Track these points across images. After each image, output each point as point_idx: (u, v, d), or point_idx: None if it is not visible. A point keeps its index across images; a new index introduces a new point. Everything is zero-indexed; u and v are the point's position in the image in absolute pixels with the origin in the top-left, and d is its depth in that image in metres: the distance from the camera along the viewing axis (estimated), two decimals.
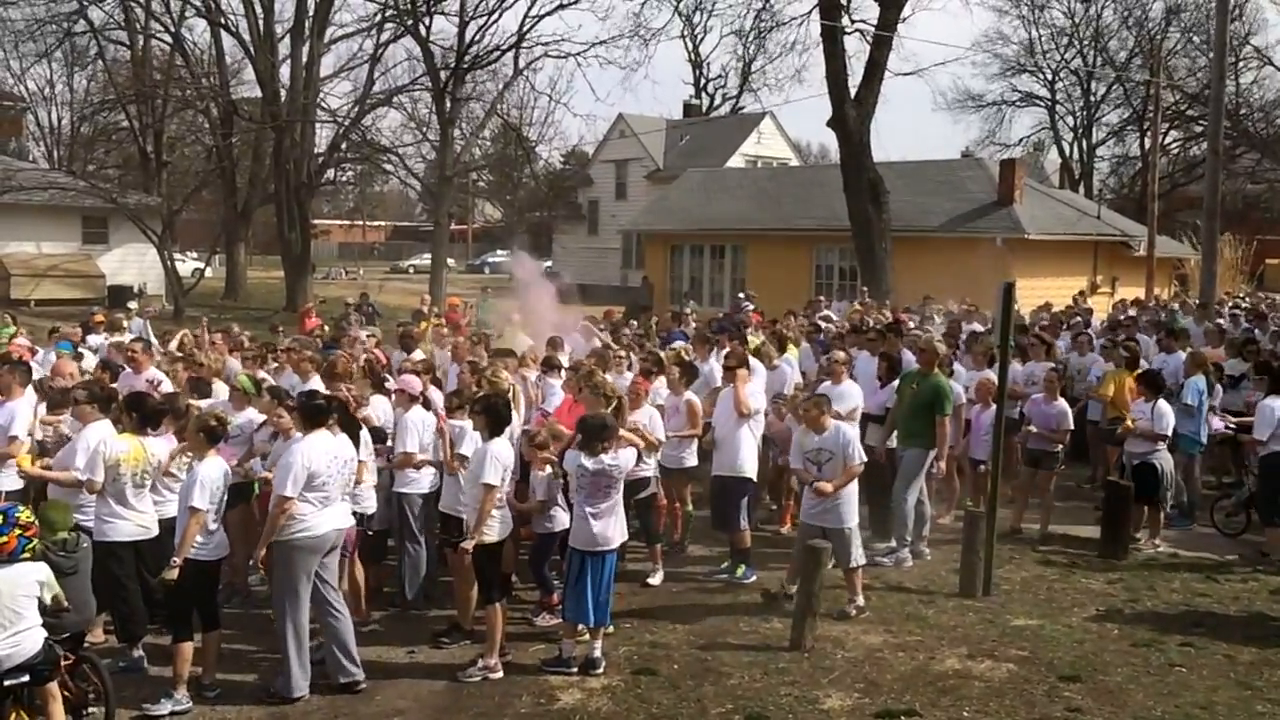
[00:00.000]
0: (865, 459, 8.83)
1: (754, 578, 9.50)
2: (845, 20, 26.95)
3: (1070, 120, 55.29)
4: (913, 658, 7.90)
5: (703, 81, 59.82)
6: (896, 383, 10.56)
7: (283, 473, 6.94)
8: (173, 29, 35.88)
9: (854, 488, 8.75)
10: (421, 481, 8.70)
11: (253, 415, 8.93)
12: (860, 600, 8.74)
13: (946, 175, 32.43)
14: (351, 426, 7.83)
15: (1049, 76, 54.13)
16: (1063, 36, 52.91)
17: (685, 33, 55.44)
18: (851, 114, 25.55)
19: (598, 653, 7.64)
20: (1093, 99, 53.87)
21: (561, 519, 8.21)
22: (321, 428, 7.18)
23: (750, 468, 9.59)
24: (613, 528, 7.59)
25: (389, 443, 8.75)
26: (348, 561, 7.93)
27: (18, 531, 5.68)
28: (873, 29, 26.44)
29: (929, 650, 8.05)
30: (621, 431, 7.93)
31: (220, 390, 9.77)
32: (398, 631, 8.38)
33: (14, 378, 8.61)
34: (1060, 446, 11.17)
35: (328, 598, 7.23)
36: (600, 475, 7.45)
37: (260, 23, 33.54)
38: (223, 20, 34.51)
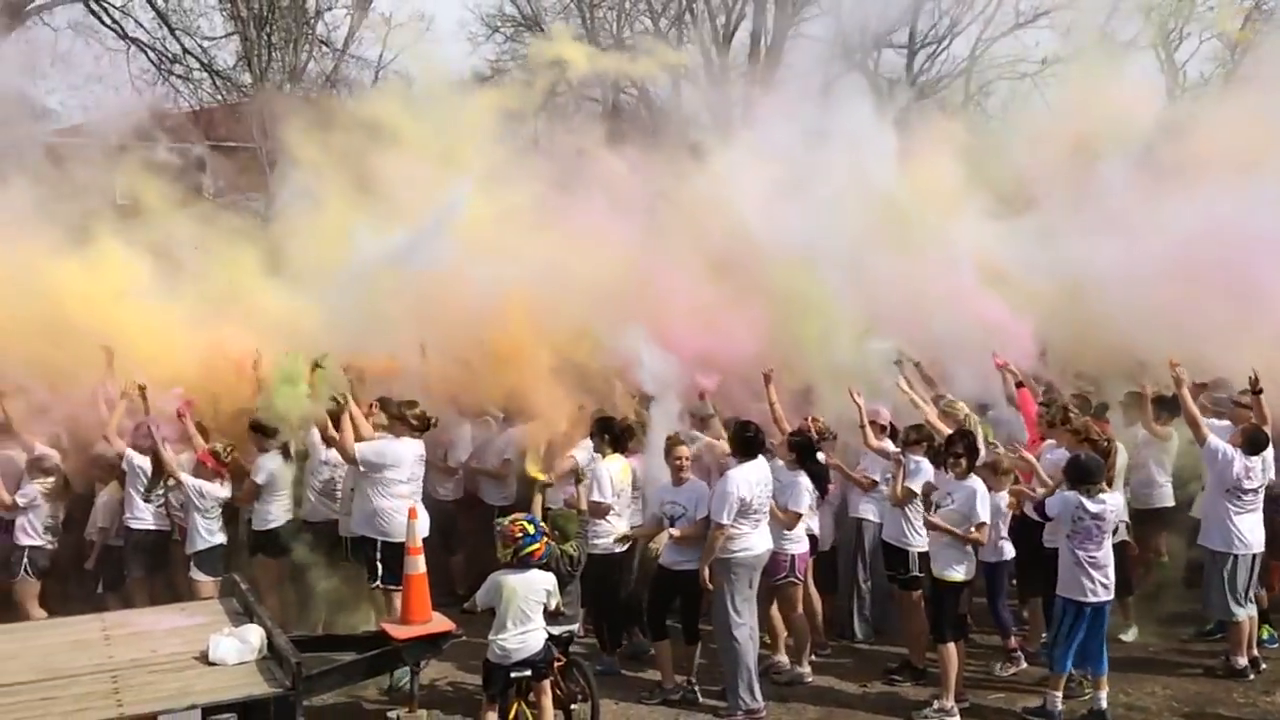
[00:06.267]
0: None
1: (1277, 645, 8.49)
2: None
3: None
4: None
5: (1178, 91, 54.53)
6: None
7: (720, 501, 7.28)
8: (638, 83, 38.94)
9: None
10: (877, 509, 8.64)
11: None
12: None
13: None
14: (819, 471, 8.02)
15: None
16: None
17: (1158, 41, 50.73)
18: None
19: (1103, 703, 7.22)
20: None
21: (1008, 549, 7.91)
22: (755, 457, 7.43)
23: None
24: (1109, 577, 7.13)
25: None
26: (800, 588, 8.08)
27: (545, 540, 6.42)
28: None
29: None
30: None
31: None
32: (851, 664, 8.40)
33: None
34: None
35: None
36: (1100, 518, 7.04)
37: (716, 69, 35.54)
38: (684, 72, 36.95)
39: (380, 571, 7.83)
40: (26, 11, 20.35)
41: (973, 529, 7.24)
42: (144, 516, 8.32)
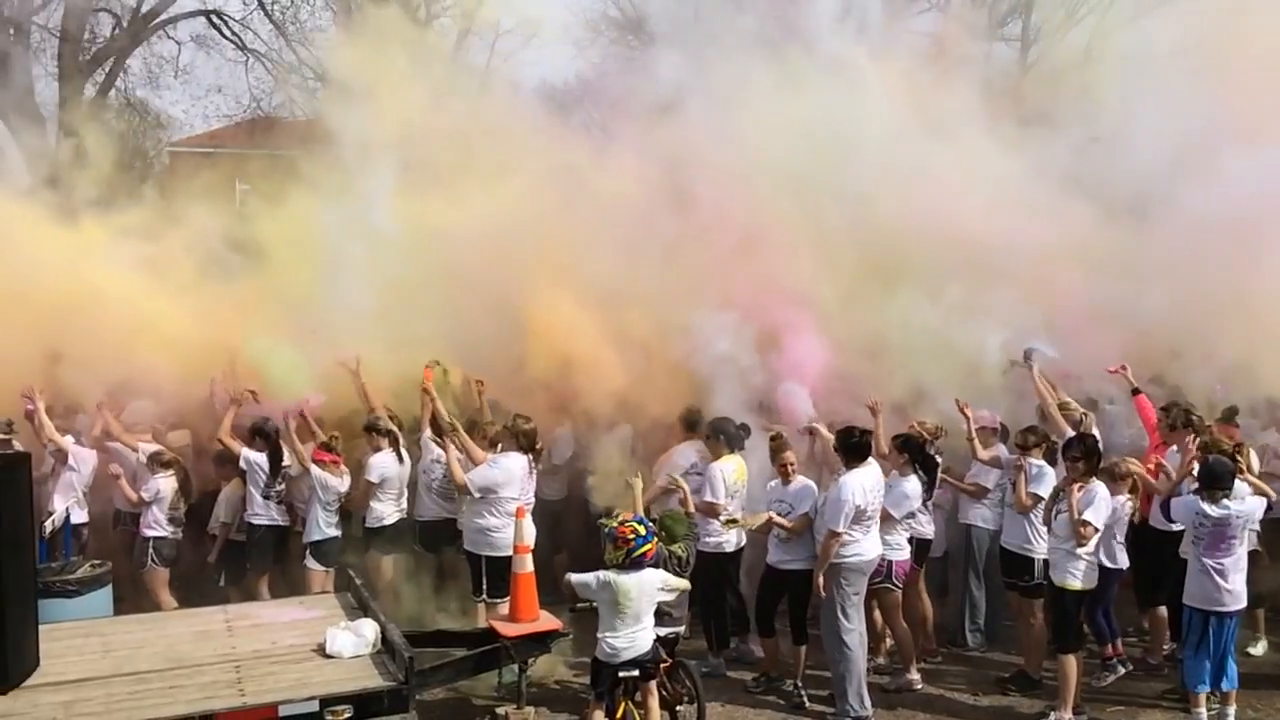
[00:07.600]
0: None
1: None
2: None
3: None
4: None
5: None
6: None
7: (834, 509, 7.18)
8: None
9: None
10: (989, 515, 8.47)
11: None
12: None
13: None
14: (928, 465, 7.90)
15: None
16: None
17: None
18: None
19: (1231, 719, 6.98)
20: None
21: (1121, 557, 7.65)
22: (863, 463, 7.31)
23: None
24: (1241, 584, 6.87)
25: None
26: (897, 595, 7.92)
27: (655, 541, 6.42)
28: None
29: None
30: (1249, 478, 7.15)
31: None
32: (962, 672, 8.22)
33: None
34: None
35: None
36: (1222, 524, 6.78)
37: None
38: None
39: (485, 586, 8.02)
40: (152, 26, 21.20)
41: (1079, 526, 6.99)
42: (263, 512, 8.59)
